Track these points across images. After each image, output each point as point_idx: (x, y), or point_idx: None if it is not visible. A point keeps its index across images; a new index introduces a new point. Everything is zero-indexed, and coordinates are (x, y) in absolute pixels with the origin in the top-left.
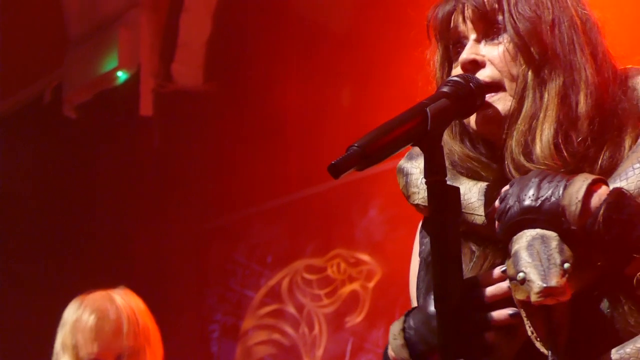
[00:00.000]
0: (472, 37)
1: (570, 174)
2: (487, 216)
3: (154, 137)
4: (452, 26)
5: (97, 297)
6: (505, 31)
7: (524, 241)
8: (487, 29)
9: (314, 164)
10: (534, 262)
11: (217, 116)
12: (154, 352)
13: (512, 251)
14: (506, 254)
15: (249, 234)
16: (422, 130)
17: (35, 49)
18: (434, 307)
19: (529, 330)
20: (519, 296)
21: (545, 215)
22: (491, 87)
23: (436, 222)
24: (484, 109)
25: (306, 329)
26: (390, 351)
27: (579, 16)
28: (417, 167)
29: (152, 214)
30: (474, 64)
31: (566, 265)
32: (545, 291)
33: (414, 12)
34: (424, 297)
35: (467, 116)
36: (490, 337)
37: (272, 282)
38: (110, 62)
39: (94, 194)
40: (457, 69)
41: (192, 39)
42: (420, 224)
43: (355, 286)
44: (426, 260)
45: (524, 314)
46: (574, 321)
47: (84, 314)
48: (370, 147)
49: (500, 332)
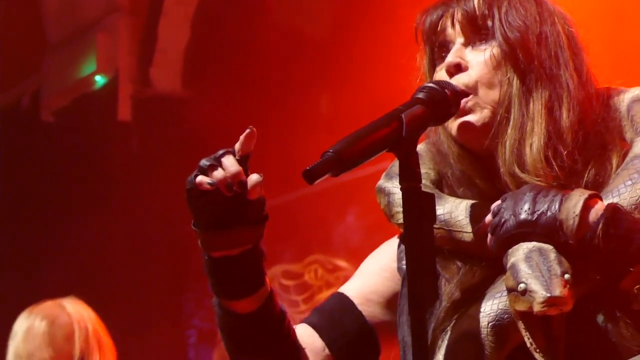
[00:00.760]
0: (459, 40)
1: (560, 189)
2: (475, 233)
3: (132, 141)
4: (440, 30)
5: (47, 306)
6: (492, 38)
7: (521, 253)
8: (474, 34)
9: (291, 169)
10: (534, 273)
11: (195, 121)
12: (106, 357)
13: (509, 264)
14: (494, 271)
15: None
16: (397, 136)
17: (13, 53)
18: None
19: (527, 341)
20: (520, 307)
21: (542, 228)
22: (464, 93)
23: (411, 228)
24: (462, 116)
25: None
26: None
27: (565, 33)
28: (399, 186)
29: (129, 219)
30: (457, 68)
31: (567, 276)
32: (549, 301)
33: (393, 19)
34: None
35: (442, 122)
36: (469, 347)
37: None
38: (88, 66)
39: (72, 199)
40: (441, 73)
41: (171, 44)
42: (396, 237)
43: (332, 292)
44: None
45: (522, 325)
46: (569, 334)
47: (35, 321)
48: (345, 152)
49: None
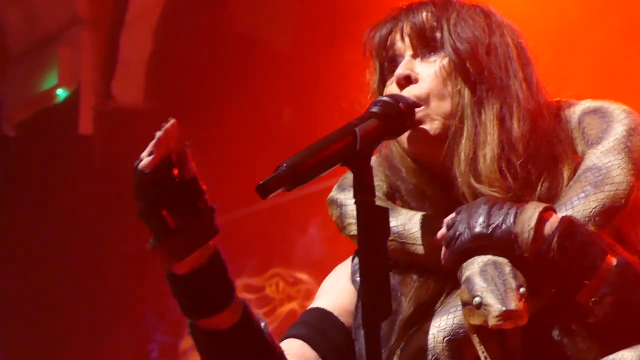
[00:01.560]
0: (408, 53)
1: (515, 201)
2: (428, 246)
3: (94, 155)
4: (389, 44)
5: None
6: (442, 49)
7: (476, 267)
8: (424, 46)
9: (253, 182)
10: (489, 286)
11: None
12: None
13: (464, 277)
14: (448, 284)
15: None
16: (351, 150)
17: None
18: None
19: (482, 355)
20: (474, 321)
21: (497, 242)
22: (415, 104)
23: (365, 242)
24: (414, 128)
25: None
26: None
27: (514, 44)
28: (351, 197)
29: (90, 233)
30: (408, 80)
31: (522, 289)
32: (504, 315)
33: (356, 30)
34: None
35: (396, 136)
36: None
37: None
38: (50, 79)
39: (32, 212)
40: (392, 87)
41: (133, 56)
42: (354, 253)
43: (293, 305)
44: None
45: (477, 339)
46: (525, 348)
47: None
48: (298, 167)
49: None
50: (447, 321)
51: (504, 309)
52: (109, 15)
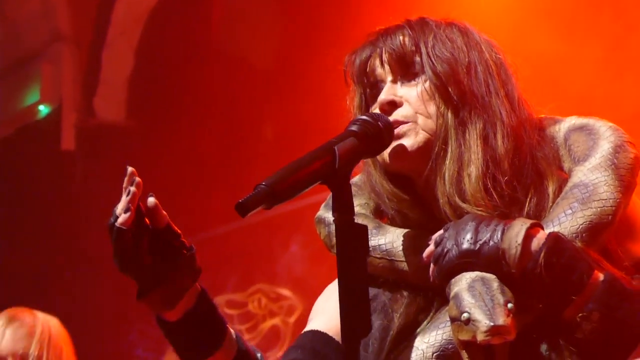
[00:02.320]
0: (389, 79)
1: (502, 218)
2: (416, 263)
3: (76, 171)
4: (369, 70)
5: (17, 309)
6: (422, 73)
7: (464, 283)
8: (404, 71)
9: (235, 199)
10: (477, 302)
11: (138, 151)
12: None
13: (452, 293)
14: (436, 300)
15: None
16: (330, 168)
17: None
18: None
19: None
20: (463, 336)
21: (484, 258)
22: (402, 123)
23: (344, 260)
24: (394, 142)
25: None
26: None
27: (493, 60)
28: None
29: (71, 249)
30: (392, 105)
31: (510, 305)
32: (493, 330)
33: (338, 47)
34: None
35: (375, 155)
36: None
37: None
38: (32, 96)
39: (14, 228)
40: (375, 112)
41: (115, 74)
42: None
43: (276, 321)
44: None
45: (465, 355)
46: None
47: (0, 319)
48: (278, 185)
49: None
50: (436, 337)
51: (492, 324)
52: (91, 33)
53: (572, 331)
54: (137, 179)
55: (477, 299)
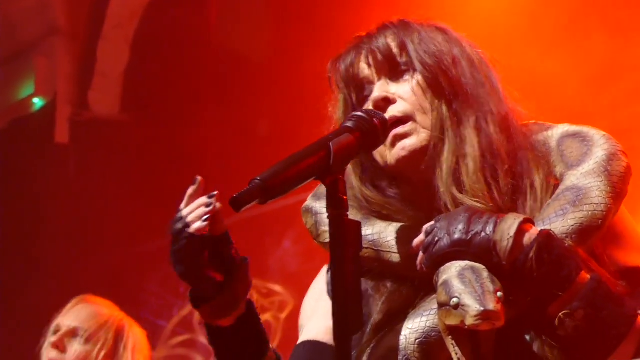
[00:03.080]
0: (378, 78)
1: (495, 212)
2: (403, 254)
3: (70, 164)
4: (355, 73)
5: (99, 298)
6: (411, 69)
7: (454, 271)
8: (392, 69)
9: (229, 194)
10: (467, 288)
11: (133, 145)
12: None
13: (441, 281)
14: (421, 291)
15: (162, 263)
16: (324, 164)
17: None
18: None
19: (455, 357)
20: (451, 321)
21: (475, 248)
22: (402, 121)
23: (337, 255)
24: (398, 143)
25: None
26: None
27: (474, 55)
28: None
29: (64, 243)
30: (386, 101)
31: (499, 293)
32: (483, 314)
33: (334, 43)
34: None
35: (370, 151)
36: None
37: (184, 312)
38: (26, 88)
39: (8, 219)
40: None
41: (110, 67)
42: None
43: (267, 317)
44: None
45: (451, 341)
46: (497, 353)
47: (81, 301)
48: (272, 180)
49: None
50: (420, 324)
51: (482, 309)
52: (86, 25)
53: (555, 328)
54: (214, 193)
55: (467, 286)
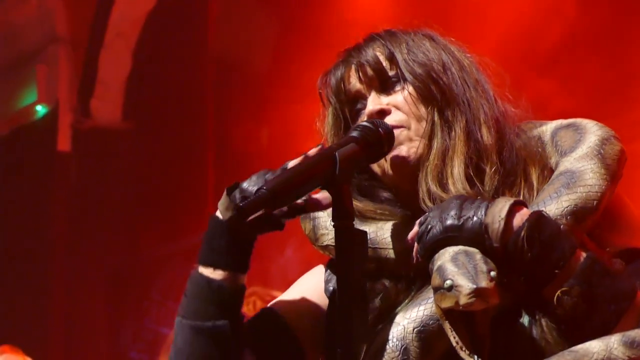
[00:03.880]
0: (370, 92)
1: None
2: (396, 251)
3: (71, 171)
4: (346, 87)
5: (8, 347)
6: (402, 80)
7: (447, 256)
8: (383, 83)
9: None
10: (460, 270)
11: (135, 153)
12: None
13: (435, 267)
14: (418, 283)
15: (165, 271)
16: (330, 174)
17: None
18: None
19: (453, 340)
20: (445, 304)
21: (468, 232)
22: (398, 127)
23: (343, 265)
24: (392, 154)
25: None
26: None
27: (463, 59)
28: (324, 210)
29: (66, 250)
30: (382, 114)
31: (492, 273)
32: (475, 292)
33: (334, 52)
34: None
35: (375, 161)
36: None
37: None
38: (29, 96)
39: (10, 227)
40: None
41: (112, 75)
42: (327, 263)
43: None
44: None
45: (447, 325)
46: (494, 339)
47: None
48: (278, 190)
49: None
50: (418, 313)
51: (474, 286)
52: (88, 34)
53: (552, 307)
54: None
55: (459, 267)
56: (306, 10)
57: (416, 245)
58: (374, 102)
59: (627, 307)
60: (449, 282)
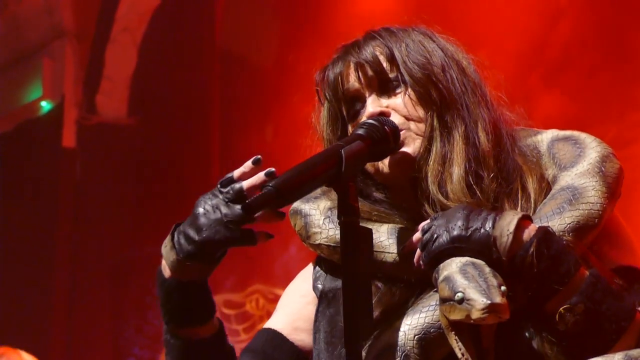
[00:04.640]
0: (370, 92)
1: (491, 210)
2: (400, 252)
3: (76, 168)
4: (345, 87)
5: (4, 348)
6: (402, 83)
7: (454, 267)
8: (382, 84)
9: None
10: (471, 283)
11: (140, 149)
12: None
13: (442, 277)
14: (415, 291)
15: None
16: (336, 171)
17: None
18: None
19: (459, 352)
20: (455, 316)
21: (475, 244)
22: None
23: (348, 262)
24: (395, 151)
25: None
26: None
27: (462, 60)
28: (316, 208)
29: (70, 245)
30: (382, 116)
31: (503, 288)
32: (489, 307)
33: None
34: (325, 332)
35: (381, 159)
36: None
37: None
38: (34, 92)
39: (15, 223)
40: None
41: (117, 71)
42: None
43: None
44: (327, 295)
45: (454, 336)
46: (497, 351)
47: None
48: (284, 187)
49: None
50: (419, 320)
51: (489, 302)
52: (94, 29)
53: (554, 323)
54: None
55: (470, 280)
56: (312, 5)
57: (419, 251)
58: (374, 104)
59: (627, 326)
60: (460, 294)
